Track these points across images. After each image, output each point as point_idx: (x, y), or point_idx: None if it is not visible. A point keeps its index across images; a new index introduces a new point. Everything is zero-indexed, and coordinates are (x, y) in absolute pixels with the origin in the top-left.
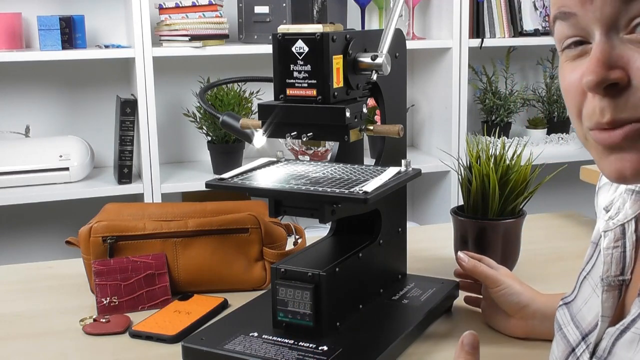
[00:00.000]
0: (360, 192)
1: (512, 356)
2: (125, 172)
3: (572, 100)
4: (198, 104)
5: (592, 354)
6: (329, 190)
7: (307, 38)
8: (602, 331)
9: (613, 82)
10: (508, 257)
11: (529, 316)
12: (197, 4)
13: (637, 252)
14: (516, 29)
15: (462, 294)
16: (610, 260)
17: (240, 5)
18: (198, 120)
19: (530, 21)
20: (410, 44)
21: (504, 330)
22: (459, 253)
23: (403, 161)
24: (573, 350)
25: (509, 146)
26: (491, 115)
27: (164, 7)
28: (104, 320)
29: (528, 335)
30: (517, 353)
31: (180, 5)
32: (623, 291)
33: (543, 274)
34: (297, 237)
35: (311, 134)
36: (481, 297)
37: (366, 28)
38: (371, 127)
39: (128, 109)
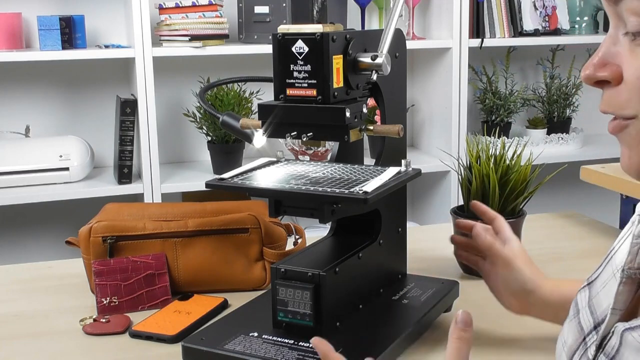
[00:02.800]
0: (360, 192)
1: (510, 357)
2: (125, 172)
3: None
4: (198, 104)
5: (599, 347)
6: (329, 190)
7: (307, 38)
8: (611, 324)
9: (602, 80)
10: None
11: (531, 303)
12: (197, 4)
13: None
14: (516, 29)
15: (462, 293)
16: (637, 251)
17: (240, 5)
18: (198, 120)
19: (530, 21)
20: (410, 44)
21: (502, 303)
22: (478, 225)
23: (403, 161)
24: (584, 339)
25: (509, 146)
26: (491, 115)
27: (164, 7)
28: (104, 320)
29: (524, 315)
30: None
31: (180, 5)
32: None
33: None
34: (297, 237)
35: (311, 134)
36: (477, 258)
37: (366, 28)
38: (371, 127)
39: (128, 109)
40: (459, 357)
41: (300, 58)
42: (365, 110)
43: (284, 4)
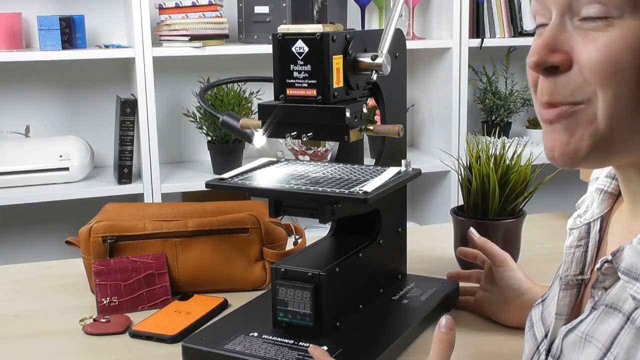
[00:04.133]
0: (360, 192)
1: (510, 357)
2: (125, 172)
3: (530, 77)
4: (198, 104)
5: (548, 351)
6: (329, 190)
7: (307, 38)
8: (556, 329)
9: (553, 65)
10: None
11: (525, 305)
12: (197, 4)
13: (599, 252)
14: (516, 29)
15: (462, 293)
16: (571, 260)
17: (240, 5)
18: (198, 120)
19: (530, 21)
20: (410, 44)
21: (500, 319)
22: (470, 229)
23: (403, 161)
24: (538, 347)
25: (509, 146)
26: (491, 115)
27: (164, 7)
28: (104, 320)
29: (522, 325)
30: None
31: (180, 5)
32: (582, 290)
33: (543, 274)
34: (297, 237)
35: (311, 134)
36: (472, 296)
37: (366, 28)
38: (371, 127)
39: (128, 109)
40: (440, 359)
41: (300, 58)
42: (365, 110)
43: (284, 4)
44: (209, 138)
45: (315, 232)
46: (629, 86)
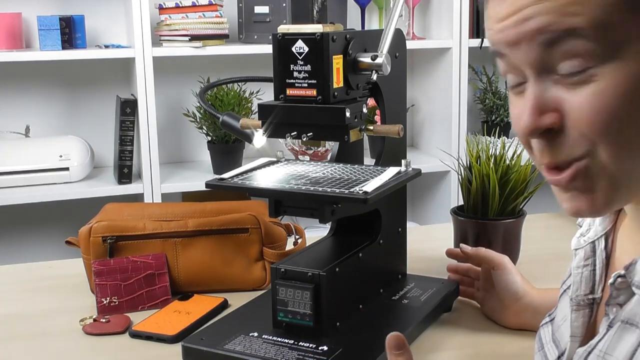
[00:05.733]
0: (360, 192)
1: (509, 357)
2: (125, 172)
3: (520, 134)
4: (198, 104)
5: None
6: (329, 190)
7: (307, 38)
8: (572, 351)
9: (547, 128)
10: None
11: (522, 309)
12: (197, 4)
13: (608, 269)
14: None
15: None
16: (580, 280)
17: (240, 5)
18: (198, 120)
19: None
20: (410, 44)
21: (499, 321)
22: (460, 245)
23: (403, 161)
24: None
25: (509, 146)
26: (491, 115)
27: (164, 7)
28: (104, 320)
29: (520, 327)
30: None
31: (180, 5)
32: (595, 310)
33: (543, 274)
34: (297, 237)
35: (311, 134)
36: (476, 289)
37: (366, 28)
38: (371, 127)
39: (128, 109)
40: None
41: (300, 58)
42: (365, 110)
43: (284, 4)
44: (209, 138)
45: (315, 232)
46: (629, 128)
